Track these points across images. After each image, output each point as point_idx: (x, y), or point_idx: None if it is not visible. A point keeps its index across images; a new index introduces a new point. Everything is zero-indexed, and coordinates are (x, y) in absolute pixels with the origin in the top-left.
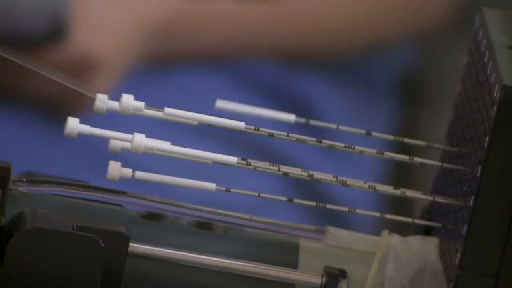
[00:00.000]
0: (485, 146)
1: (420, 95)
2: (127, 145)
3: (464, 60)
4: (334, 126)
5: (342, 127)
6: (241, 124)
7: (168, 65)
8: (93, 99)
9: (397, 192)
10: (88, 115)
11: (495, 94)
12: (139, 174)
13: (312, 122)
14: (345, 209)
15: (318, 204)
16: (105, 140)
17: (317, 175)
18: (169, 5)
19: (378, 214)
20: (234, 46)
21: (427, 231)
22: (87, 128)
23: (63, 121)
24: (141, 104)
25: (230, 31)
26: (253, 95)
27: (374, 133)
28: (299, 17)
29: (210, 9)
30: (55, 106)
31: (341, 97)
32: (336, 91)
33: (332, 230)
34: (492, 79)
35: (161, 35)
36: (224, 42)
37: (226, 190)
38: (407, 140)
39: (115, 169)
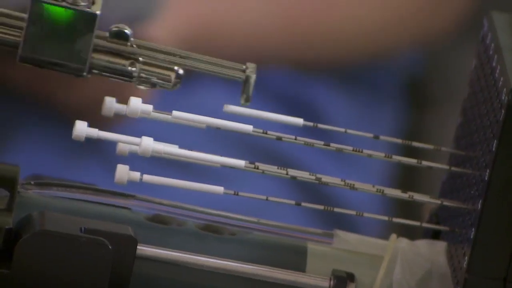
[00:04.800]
0: (493, 149)
1: (427, 98)
2: (136, 148)
3: (472, 63)
4: (342, 129)
5: (350, 131)
6: (249, 128)
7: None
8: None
9: (405, 195)
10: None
11: (503, 98)
12: (147, 177)
13: (320, 125)
14: (353, 212)
15: (326, 208)
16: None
17: (325, 178)
18: (186, 16)
19: (386, 218)
20: (246, 55)
21: (435, 235)
22: (95, 132)
23: (73, 125)
24: (149, 107)
25: (244, 40)
26: (261, 101)
27: (382, 137)
28: (308, 26)
29: (225, 20)
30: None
31: (348, 102)
32: (343, 97)
33: (340, 233)
34: (500, 83)
35: (178, 45)
36: (237, 51)
37: (234, 194)
38: (415, 143)
39: (123, 172)
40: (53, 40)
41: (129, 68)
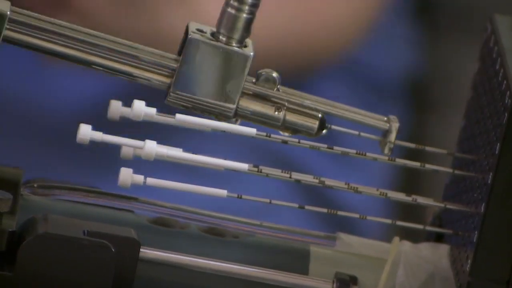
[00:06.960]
0: (496, 152)
1: (429, 101)
2: (140, 151)
3: (475, 66)
4: (356, 132)
5: (363, 134)
6: (252, 131)
7: None
8: None
9: (409, 199)
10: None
11: (506, 101)
12: (151, 180)
13: (334, 127)
14: (356, 215)
15: (329, 211)
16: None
17: (329, 182)
18: None
19: (389, 221)
20: None
21: (438, 238)
22: (99, 135)
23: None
24: (152, 110)
25: None
26: None
27: (396, 141)
28: (308, 25)
29: None
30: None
31: (349, 103)
32: (345, 97)
33: (343, 236)
34: (504, 86)
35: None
36: None
37: (238, 197)
38: (428, 148)
39: (127, 175)
40: (204, 81)
41: (276, 113)
